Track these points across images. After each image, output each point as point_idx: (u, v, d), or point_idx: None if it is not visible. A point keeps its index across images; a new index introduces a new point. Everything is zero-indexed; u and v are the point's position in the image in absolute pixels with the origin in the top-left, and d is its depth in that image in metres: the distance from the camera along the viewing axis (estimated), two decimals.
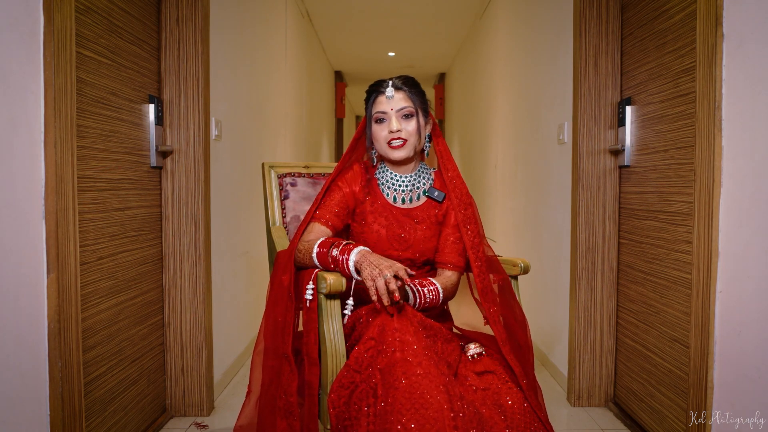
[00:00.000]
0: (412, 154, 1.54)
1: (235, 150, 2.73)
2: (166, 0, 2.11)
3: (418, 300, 1.45)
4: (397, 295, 1.25)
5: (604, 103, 2.27)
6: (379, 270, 1.27)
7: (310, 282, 1.38)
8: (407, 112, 1.51)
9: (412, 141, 1.52)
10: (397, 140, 1.51)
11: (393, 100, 1.51)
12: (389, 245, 1.54)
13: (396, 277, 1.27)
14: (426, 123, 1.57)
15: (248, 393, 1.51)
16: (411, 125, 1.51)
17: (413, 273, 1.34)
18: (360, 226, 1.57)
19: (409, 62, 7.50)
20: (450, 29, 5.86)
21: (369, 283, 1.28)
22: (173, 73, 2.12)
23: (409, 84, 1.54)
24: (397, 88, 1.52)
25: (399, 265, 1.30)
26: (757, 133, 1.40)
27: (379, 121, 1.53)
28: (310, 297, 1.36)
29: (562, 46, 2.55)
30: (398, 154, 1.52)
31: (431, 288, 1.48)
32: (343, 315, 1.39)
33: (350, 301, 1.39)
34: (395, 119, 1.50)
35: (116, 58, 1.78)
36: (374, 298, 1.27)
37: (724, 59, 1.48)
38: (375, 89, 1.55)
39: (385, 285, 1.25)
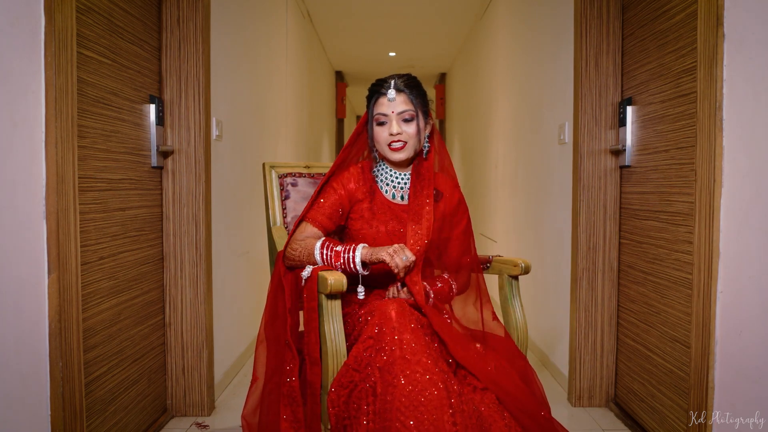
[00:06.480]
0: (411, 155, 1.57)
1: (236, 150, 2.73)
2: (167, 0, 2.11)
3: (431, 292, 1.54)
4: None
5: (605, 103, 2.26)
6: (394, 249, 1.40)
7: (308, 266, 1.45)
8: (408, 116, 1.54)
9: (412, 143, 1.55)
10: (397, 143, 1.54)
11: (394, 103, 1.53)
12: (389, 241, 1.56)
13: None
14: (426, 124, 1.59)
15: (253, 381, 1.53)
16: (411, 128, 1.54)
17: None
18: (358, 224, 1.58)
19: (410, 62, 7.50)
20: (450, 29, 5.85)
21: (388, 259, 1.39)
22: (174, 74, 2.12)
23: (410, 86, 1.55)
24: (398, 90, 1.53)
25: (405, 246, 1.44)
26: (757, 133, 1.40)
27: (380, 123, 1.55)
28: (307, 275, 1.42)
29: (562, 46, 2.55)
30: (398, 156, 1.55)
31: (443, 281, 1.58)
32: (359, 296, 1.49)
33: (361, 288, 1.46)
34: (395, 122, 1.53)
35: (117, 59, 1.78)
36: (395, 269, 1.40)
37: (725, 59, 1.47)
38: (377, 90, 1.56)
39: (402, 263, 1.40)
